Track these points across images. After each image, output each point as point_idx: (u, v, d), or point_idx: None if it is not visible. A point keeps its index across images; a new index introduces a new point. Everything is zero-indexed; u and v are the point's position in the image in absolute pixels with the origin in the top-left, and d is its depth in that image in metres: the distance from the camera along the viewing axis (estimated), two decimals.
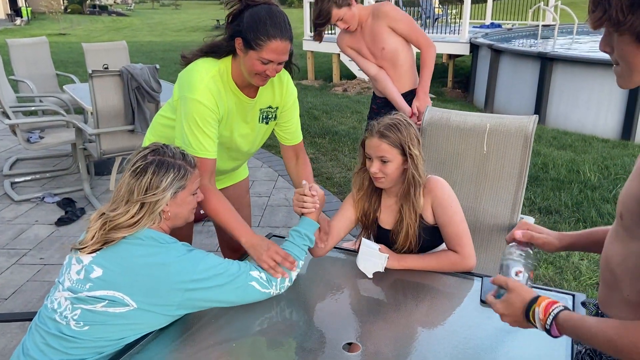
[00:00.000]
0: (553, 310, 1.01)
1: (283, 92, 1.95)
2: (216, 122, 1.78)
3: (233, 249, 2.38)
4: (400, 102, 3.11)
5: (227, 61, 1.79)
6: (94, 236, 1.42)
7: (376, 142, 1.70)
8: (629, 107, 6.31)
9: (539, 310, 1.03)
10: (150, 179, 1.44)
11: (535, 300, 1.05)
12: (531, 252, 1.25)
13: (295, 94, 2.01)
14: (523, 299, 1.07)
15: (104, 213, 1.46)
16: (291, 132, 2.05)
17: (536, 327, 1.05)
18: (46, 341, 1.40)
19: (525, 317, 1.06)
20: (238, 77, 1.80)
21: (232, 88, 1.81)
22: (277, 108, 1.98)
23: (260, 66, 1.68)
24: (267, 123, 2.00)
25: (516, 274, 1.19)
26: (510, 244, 1.29)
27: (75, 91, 4.77)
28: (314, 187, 1.71)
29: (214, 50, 1.78)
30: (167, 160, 1.49)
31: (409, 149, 1.69)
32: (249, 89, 1.86)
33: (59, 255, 3.41)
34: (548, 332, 1.02)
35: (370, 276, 1.72)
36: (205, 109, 1.72)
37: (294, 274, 1.59)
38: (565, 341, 1.36)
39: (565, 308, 1.01)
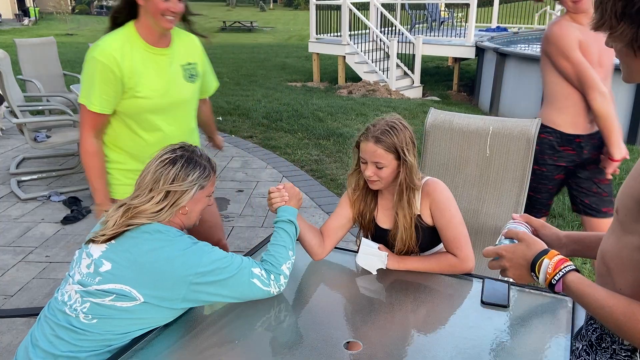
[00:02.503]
0: (565, 267, 1.01)
1: (195, 43, 2.12)
2: (113, 81, 1.89)
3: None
4: (620, 140, 2.40)
5: (129, 26, 1.93)
6: (115, 223, 1.45)
7: (372, 147, 1.68)
8: (635, 112, 6.30)
9: (548, 262, 1.03)
10: (179, 171, 1.49)
11: (546, 252, 1.05)
12: (530, 230, 1.25)
13: (200, 45, 2.17)
14: (534, 247, 1.07)
15: (124, 204, 1.50)
16: (206, 83, 2.23)
17: (537, 280, 1.05)
18: (55, 332, 1.42)
19: (531, 265, 1.06)
20: (147, 35, 1.93)
21: (141, 45, 1.93)
22: (196, 63, 2.10)
23: (163, 3, 1.83)
24: (194, 82, 2.10)
25: None
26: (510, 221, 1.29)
27: None
28: (284, 184, 1.76)
29: (116, 22, 1.95)
30: (195, 159, 1.54)
31: (404, 154, 1.69)
32: (160, 43, 1.98)
33: (64, 253, 3.44)
34: (552, 286, 1.02)
35: (375, 272, 1.74)
36: (102, 65, 1.86)
37: (287, 270, 1.59)
38: (564, 341, 1.37)
39: (577, 271, 1.01)
